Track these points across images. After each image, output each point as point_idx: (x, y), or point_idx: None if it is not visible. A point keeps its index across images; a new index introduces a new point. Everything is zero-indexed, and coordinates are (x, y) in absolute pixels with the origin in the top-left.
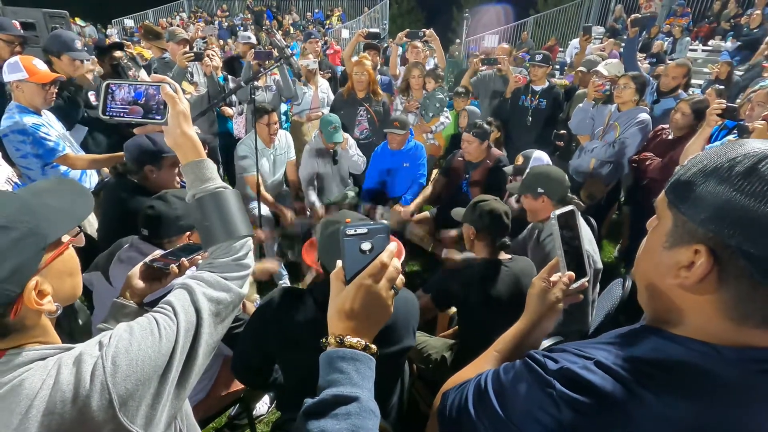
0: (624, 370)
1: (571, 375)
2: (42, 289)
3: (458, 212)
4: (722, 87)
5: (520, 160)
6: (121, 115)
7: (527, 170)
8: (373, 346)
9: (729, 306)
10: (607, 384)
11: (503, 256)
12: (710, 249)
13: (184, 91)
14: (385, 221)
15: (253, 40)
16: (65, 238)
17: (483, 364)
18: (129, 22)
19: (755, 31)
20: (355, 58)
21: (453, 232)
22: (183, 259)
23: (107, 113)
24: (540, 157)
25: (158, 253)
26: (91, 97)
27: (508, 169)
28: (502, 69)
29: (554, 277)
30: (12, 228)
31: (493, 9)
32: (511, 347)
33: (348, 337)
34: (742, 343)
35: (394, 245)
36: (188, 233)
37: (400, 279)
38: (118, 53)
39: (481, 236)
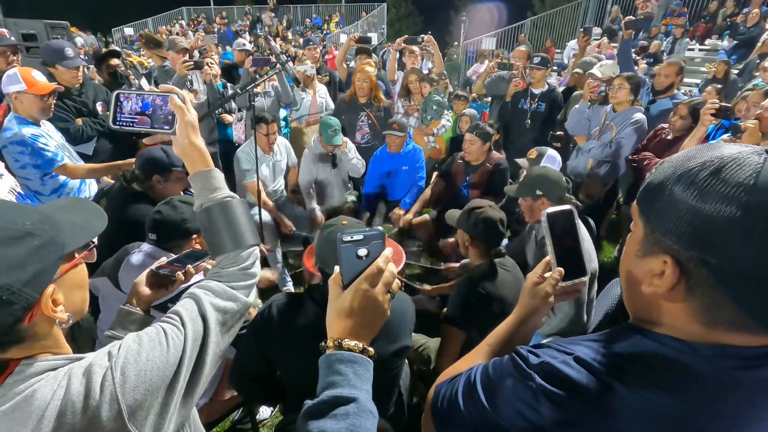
0: (601, 365)
1: (550, 369)
2: (56, 298)
3: (452, 215)
4: (720, 86)
5: (534, 154)
6: (130, 125)
7: (525, 173)
8: (371, 349)
9: (698, 312)
10: (583, 378)
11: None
12: (675, 259)
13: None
14: (380, 227)
15: (249, 47)
16: (79, 253)
17: (475, 358)
18: (129, 31)
19: (751, 29)
20: (352, 63)
21: (452, 240)
22: (189, 266)
23: (117, 123)
24: (553, 156)
25: (164, 260)
26: (99, 107)
27: (523, 161)
28: (515, 74)
29: (547, 274)
30: (36, 235)
31: (486, 8)
32: (502, 341)
33: (346, 340)
34: (716, 342)
35: (389, 250)
36: (195, 236)
37: (396, 283)
38: (114, 61)
39: (475, 243)
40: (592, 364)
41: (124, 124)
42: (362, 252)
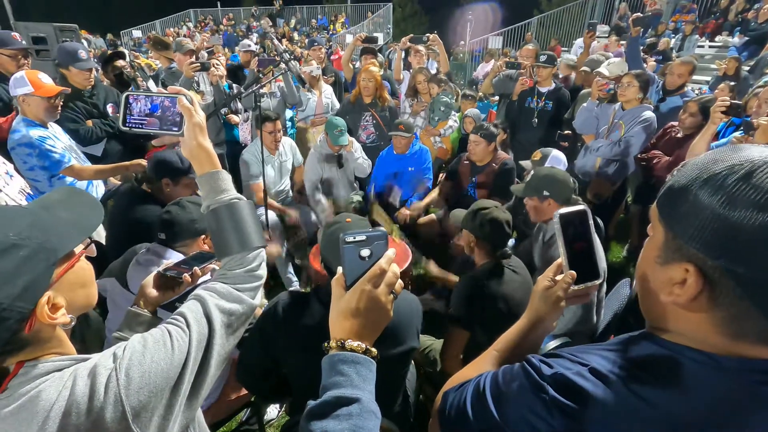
0: (618, 378)
1: (564, 380)
2: (55, 303)
3: (457, 216)
4: (733, 83)
5: (538, 156)
6: (140, 126)
7: (531, 172)
8: (374, 350)
9: (723, 324)
10: (599, 391)
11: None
12: (698, 268)
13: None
14: (383, 228)
15: (253, 48)
16: (77, 250)
17: (483, 365)
18: (137, 33)
19: (763, 25)
20: (358, 64)
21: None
22: (195, 267)
23: (127, 125)
24: (558, 157)
25: (171, 261)
26: (109, 109)
27: (527, 164)
28: (523, 73)
29: (559, 277)
30: (22, 245)
31: (492, 7)
32: (511, 346)
33: (349, 340)
34: (740, 354)
35: (392, 251)
36: (203, 236)
37: (399, 284)
38: (119, 62)
39: (481, 244)
40: (608, 376)
41: (134, 125)
42: (365, 253)
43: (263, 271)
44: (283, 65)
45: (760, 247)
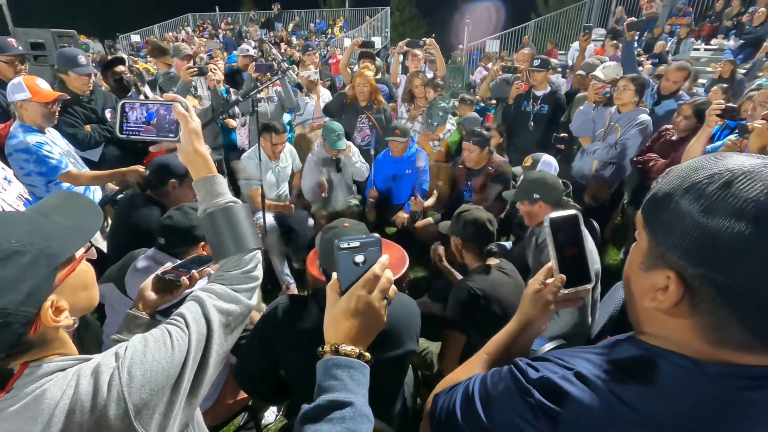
0: (603, 382)
1: (549, 384)
2: (58, 306)
3: (444, 226)
4: (726, 86)
5: (529, 161)
6: (137, 134)
7: (522, 177)
8: (367, 354)
9: (704, 331)
10: (584, 395)
11: (492, 261)
12: (680, 276)
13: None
14: (376, 234)
15: (252, 52)
16: (77, 254)
17: (473, 367)
18: (135, 38)
19: (758, 28)
20: (356, 68)
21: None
22: (194, 270)
23: (124, 132)
24: (549, 161)
25: (169, 265)
26: (108, 114)
27: (518, 169)
28: (519, 77)
29: (549, 280)
30: (24, 252)
31: (489, 11)
32: (501, 349)
33: (343, 345)
34: (722, 360)
35: (386, 257)
36: (202, 243)
37: (393, 289)
38: (120, 68)
39: (468, 246)
40: (594, 381)
41: (131, 132)
42: (359, 258)
43: (259, 272)
44: (279, 72)
45: (737, 255)
